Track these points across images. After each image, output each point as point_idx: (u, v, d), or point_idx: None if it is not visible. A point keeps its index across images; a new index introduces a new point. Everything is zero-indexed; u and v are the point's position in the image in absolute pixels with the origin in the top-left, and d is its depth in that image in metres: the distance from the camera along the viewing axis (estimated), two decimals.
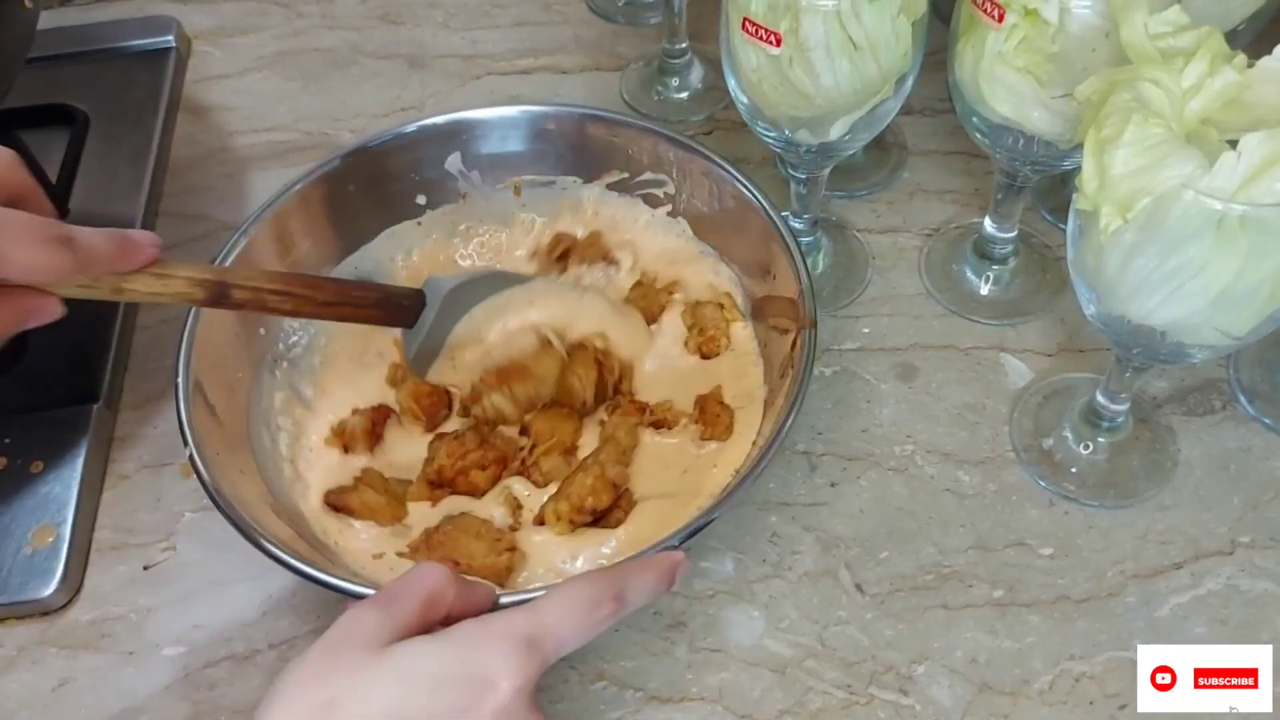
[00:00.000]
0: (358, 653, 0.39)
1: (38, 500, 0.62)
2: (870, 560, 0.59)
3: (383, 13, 0.96)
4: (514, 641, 0.40)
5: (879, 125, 0.61)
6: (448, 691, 0.38)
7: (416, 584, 0.42)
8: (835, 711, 0.54)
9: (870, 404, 0.66)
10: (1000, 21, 0.53)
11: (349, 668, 0.38)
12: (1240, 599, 0.57)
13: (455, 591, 0.43)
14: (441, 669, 0.39)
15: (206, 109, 0.89)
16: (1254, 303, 0.44)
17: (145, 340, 0.72)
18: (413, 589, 0.42)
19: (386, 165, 0.69)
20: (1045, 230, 0.74)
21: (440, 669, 0.39)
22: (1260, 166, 0.41)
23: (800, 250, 0.60)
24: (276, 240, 0.65)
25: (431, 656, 0.39)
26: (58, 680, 0.57)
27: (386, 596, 0.42)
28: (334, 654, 0.39)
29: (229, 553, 0.61)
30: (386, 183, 0.69)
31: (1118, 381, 0.59)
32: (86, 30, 0.93)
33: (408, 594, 0.42)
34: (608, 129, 0.69)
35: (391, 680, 0.38)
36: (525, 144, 0.70)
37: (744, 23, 0.55)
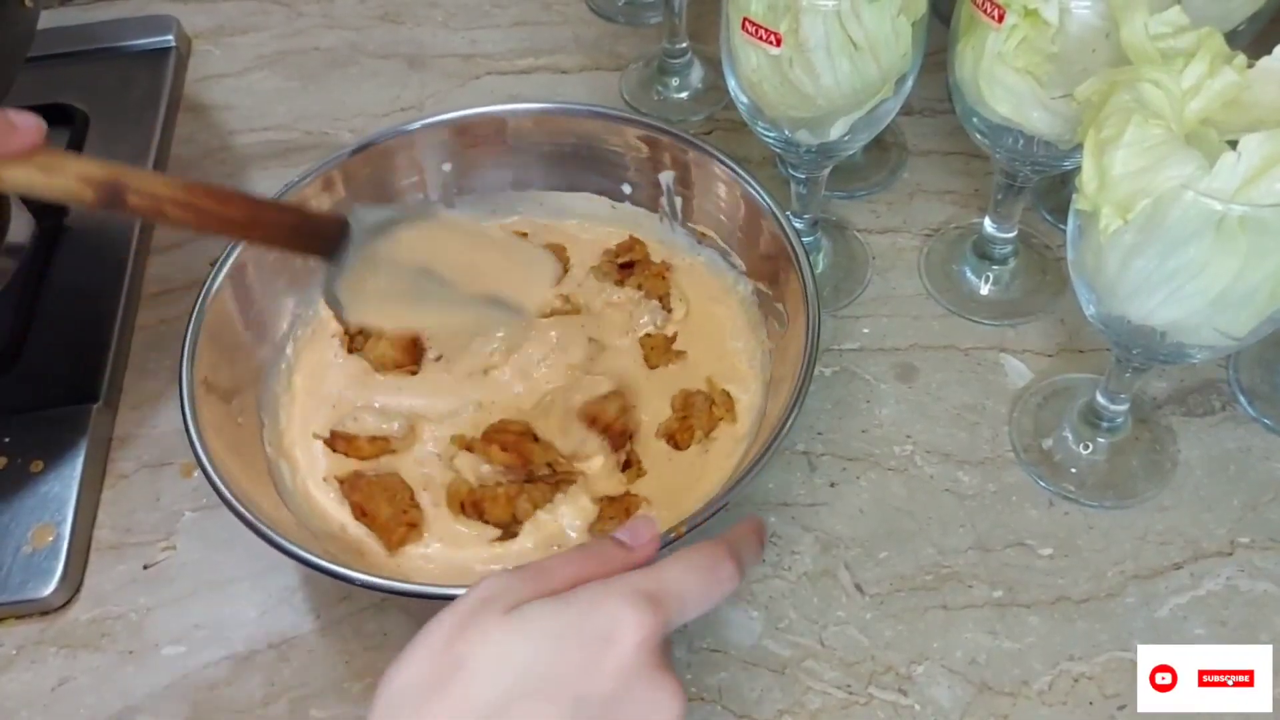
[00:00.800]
0: (487, 614, 0.39)
1: (37, 500, 0.62)
2: (870, 560, 0.59)
3: (382, 12, 0.96)
4: (634, 598, 0.39)
5: (879, 125, 0.61)
6: (570, 648, 0.38)
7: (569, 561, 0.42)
8: (834, 712, 0.54)
9: (870, 404, 0.66)
10: (1000, 22, 0.53)
11: (478, 627, 0.38)
12: (1240, 599, 0.57)
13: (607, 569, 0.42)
14: (563, 626, 0.39)
15: (206, 108, 0.89)
16: (1253, 303, 0.44)
17: (145, 340, 0.72)
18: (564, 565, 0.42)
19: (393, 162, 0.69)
20: (1045, 231, 0.74)
21: (562, 626, 0.39)
22: (1260, 167, 0.41)
23: (804, 250, 0.60)
24: None
25: (553, 615, 0.39)
26: (57, 679, 0.57)
27: (533, 567, 0.42)
28: (465, 615, 0.39)
29: (229, 552, 0.61)
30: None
31: (1117, 382, 0.59)
32: (86, 30, 0.93)
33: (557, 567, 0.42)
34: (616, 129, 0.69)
35: (516, 639, 0.38)
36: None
37: (744, 23, 0.55)
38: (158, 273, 0.76)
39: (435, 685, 0.37)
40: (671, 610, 0.40)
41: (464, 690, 0.37)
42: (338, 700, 0.56)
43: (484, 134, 0.70)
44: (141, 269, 0.76)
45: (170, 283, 0.75)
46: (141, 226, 0.77)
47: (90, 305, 0.72)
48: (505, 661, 0.37)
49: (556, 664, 0.38)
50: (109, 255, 0.75)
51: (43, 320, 0.71)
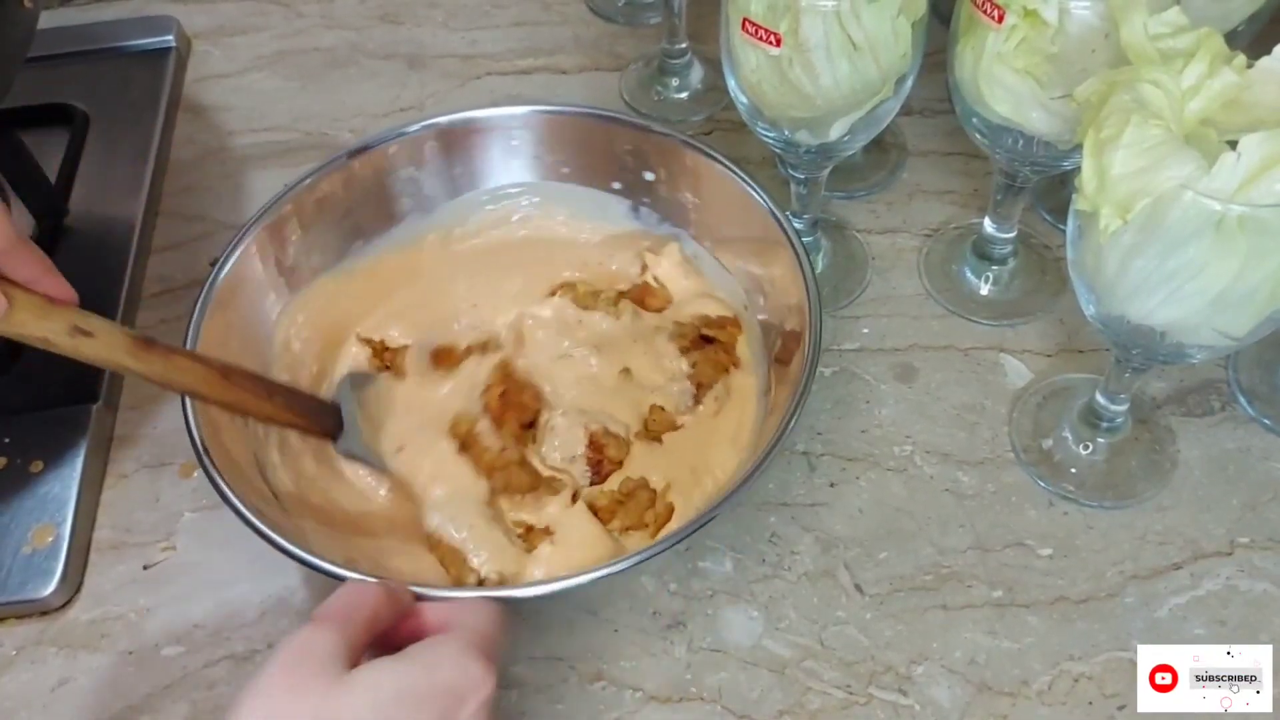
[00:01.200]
0: (322, 675, 0.39)
1: (37, 500, 0.62)
2: (869, 560, 0.59)
3: (382, 13, 0.96)
4: (474, 656, 0.41)
5: (878, 126, 0.61)
6: (419, 708, 0.39)
7: (359, 601, 0.43)
8: (834, 712, 0.54)
9: (869, 404, 0.66)
10: (1000, 22, 0.53)
11: (318, 690, 0.38)
12: (1239, 599, 0.57)
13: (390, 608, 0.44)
14: (412, 687, 0.39)
15: (206, 109, 0.89)
16: (1253, 303, 0.44)
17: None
18: (356, 606, 0.43)
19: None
20: (1044, 231, 0.74)
21: (410, 687, 0.39)
22: (1259, 167, 0.41)
23: (805, 251, 0.60)
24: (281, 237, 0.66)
25: (400, 676, 0.40)
26: (57, 680, 0.57)
27: (335, 618, 0.42)
28: (297, 676, 0.39)
29: (228, 552, 0.61)
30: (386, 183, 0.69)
31: (1117, 382, 0.59)
32: (86, 30, 0.93)
33: (354, 613, 0.42)
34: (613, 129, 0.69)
35: (364, 701, 0.38)
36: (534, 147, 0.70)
37: (744, 23, 0.55)
38: (158, 272, 0.76)
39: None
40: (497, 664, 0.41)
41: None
42: None
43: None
44: (141, 269, 0.76)
45: (170, 282, 0.76)
46: (141, 226, 0.77)
47: (90, 305, 0.71)
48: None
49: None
50: (109, 255, 0.75)
51: None
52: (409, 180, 0.70)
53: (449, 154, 0.70)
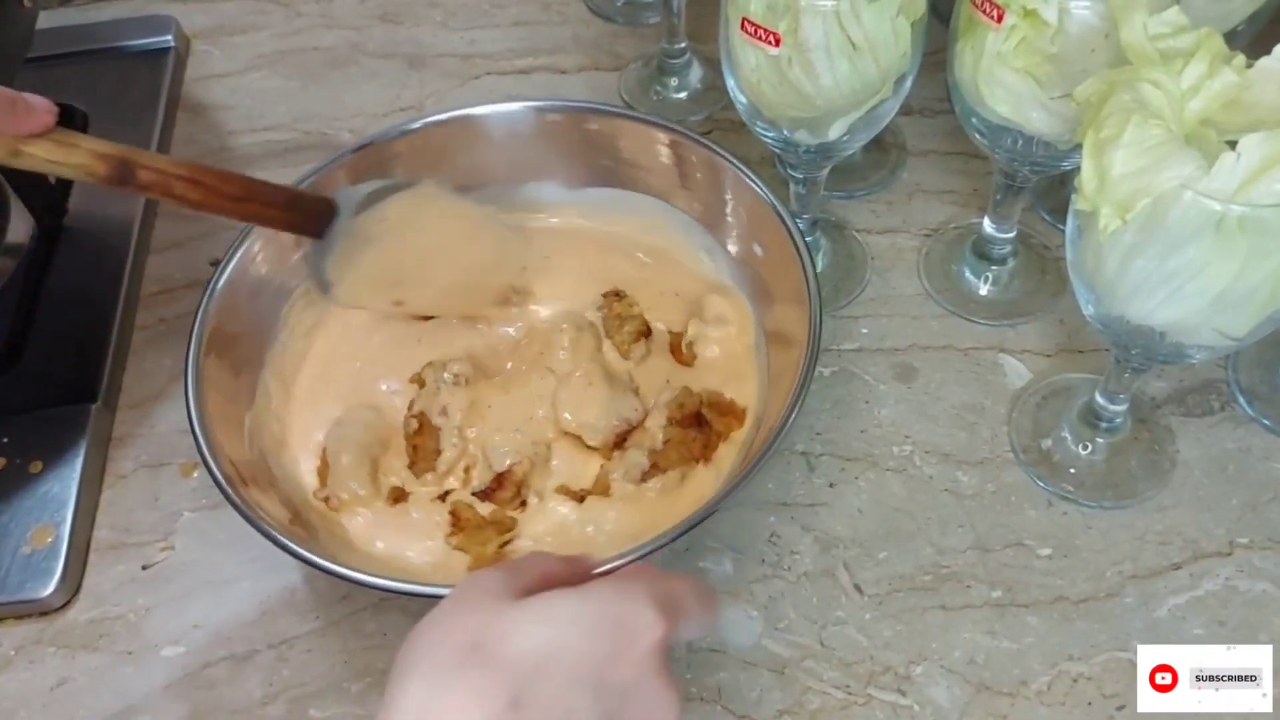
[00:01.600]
0: (494, 602, 0.38)
1: (36, 500, 0.62)
2: (869, 560, 0.59)
3: (382, 12, 0.96)
4: (652, 598, 0.40)
5: (878, 125, 0.61)
6: (593, 635, 0.38)
7: (535, 559, 0.43)
8: (834, 711, 0.54)
9: (869, 404, 0.66)
10: (999, 22, 0.53)
11: (493, 612, 0.38)
12: (1239, 600, 0.57)
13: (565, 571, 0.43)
14: (586, 614, 0.39)
15: (205, 108, 0.89)
16: (1253, 304, 0.44)
17: (144, 339, 0.72)
18: (533, 562, 0.42)
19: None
20: (1044, 231, 0.74)
21: (585, 614, 0.39)
22: (1259, 167, 0.41)
23: (808, 249, 0.60)
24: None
25: (576, 603, 0.39)
26: (56, 680, 0.57)
27: (507, 566, 0.42)
28: (469, 604, 0.39)
29: (228, 552, 0.61)
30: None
31: (1116, 382, 0.59)
32: (85, 30, 0.93)
33: (528, 564, 0.42)
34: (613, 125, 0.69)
35: (538, 621, 0.38)
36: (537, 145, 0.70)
37: (743, 23, 0.55)
38: (157, 272, 0.76)
39: (456, 664, 0.36)
40: (679, 621, 0.40)
41: (490, 666, 0.36)
42: (337, 700, 0.56)
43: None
44: (141, 268, 0.76)
45: (170, 282, 0.75)
46: (141, 226, 0.77)
47: (89, 305, 0.72)
48: (529, 640, 0.37)
49: (583, 648, 0.38)
50: (108, 255, 0.75)
51: (42, 320, 0.71)
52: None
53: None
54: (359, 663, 0.57)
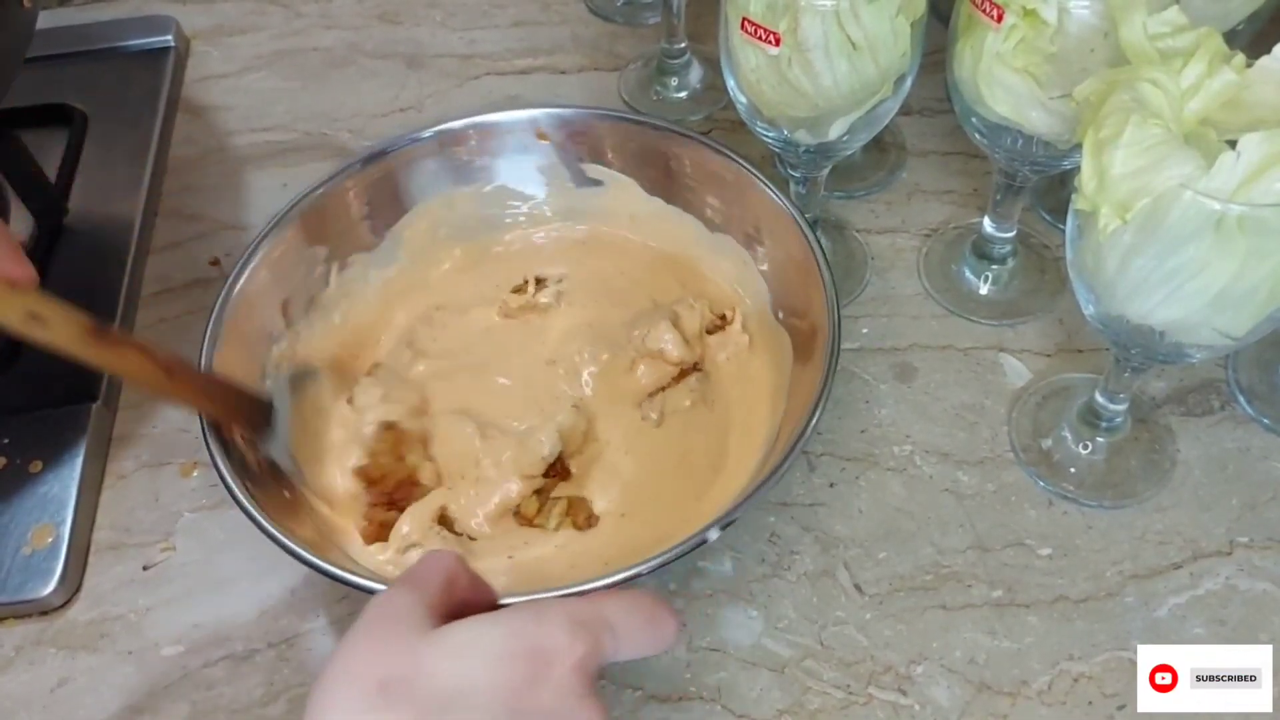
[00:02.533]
0: (405, 633, 0.38)
1: (37, 500, 0.62)
2: (869, 560, 0.59)
3: (381, 12, 0.96)
4: (571, 621, 0.39)
5: (878, 125, 0.61)
6: (507, 666, 0.38)
7: (436, 566, 0.42)
8: (834, 711, 0.54)
9: (869, 404, 0.66)
10: (999, 22, 0.53)
11: (400, 648, 0.38)
12: (1239, 599, 0.57)
13: (468, 577, 0.43)
14: (499, 644, 0.38)
15: (205, 108, 0.89)
16: (1252, 303, 0.44)
17: (144, 339, 0.72)
18: (434, 570, 0.42)
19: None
20: (1044, 230, 0.74)
21: (498, 644, 0.38)
22: (1259, 167, 0.41)
23: (823, 251, 0.60)
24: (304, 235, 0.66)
25: (486, 633, 0.39)
26: (56, 680, 0.57)
27: (411, 579, 0.42)
28: (379, 636, 0.38)
29: (228, 552, 0.61)
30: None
31: (1116, 382, 0.59)
32: (85, 30, 0.93)
33: (431, 574, 0.41)
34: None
35: (447, 657, 0.38)
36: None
37: (743, 22, 0.55)
38: (157, 272, 0.76)
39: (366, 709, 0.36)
40: (605, 644, 0.40)
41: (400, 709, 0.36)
42: None
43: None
44: (141, 268, 0.76)
45: (169, 282, 0.75)
46: (141, 226, 0.77)
47: (89, 304, 0.70)
48: (440, 677, 0.37)
49: (496, 680, 0.37)
50: (108, 254, 0.75)
51: None
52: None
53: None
54: None
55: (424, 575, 0.41)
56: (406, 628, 0.38)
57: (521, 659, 0.38)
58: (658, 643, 0.42)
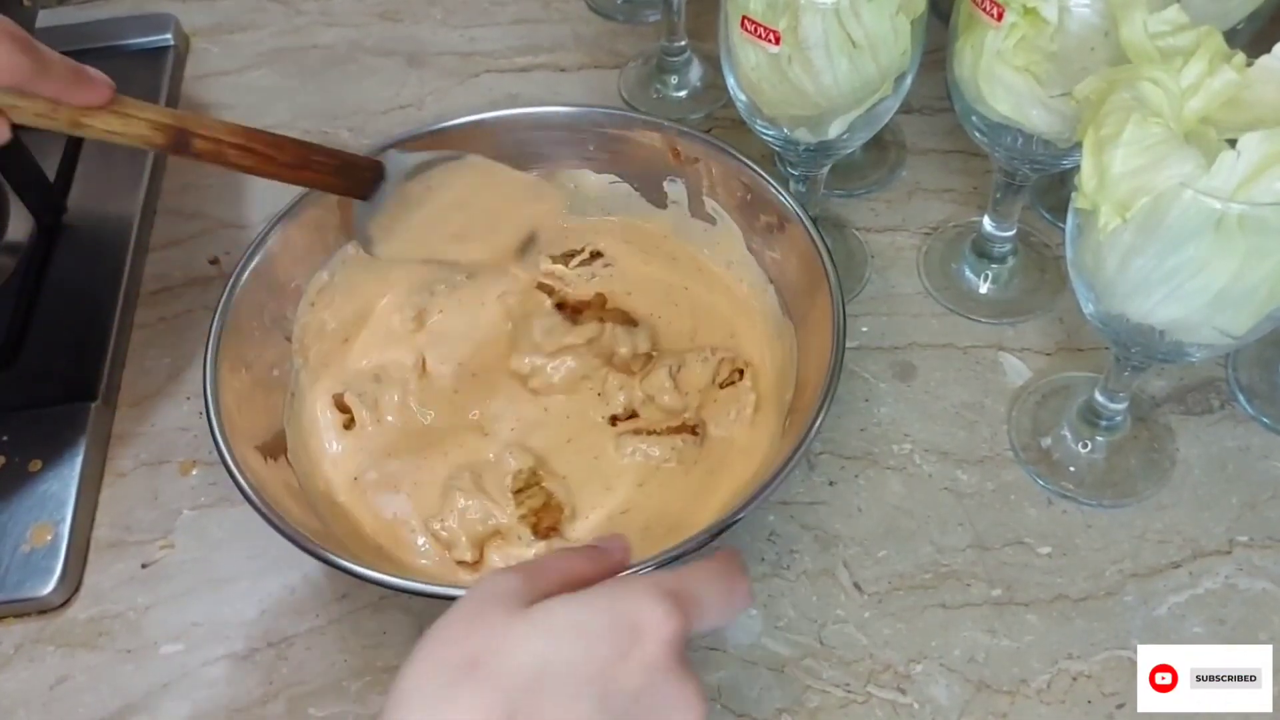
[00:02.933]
0: (499, 611, 0.38)
1: (36, 498, 0.62)
2: (868, 559, 0.59)
3: (381, 10, 0.96)
4: (659, 595, 0.38)
5: (878, 124, 0.61)
6: (594, 642, 0.37)
7: (557, 561, 0.42)
8: (833, 710, 0.54)
9: (869, 403, 0.66)
10: (999, 20, 0.53)
11: (490, 625, 0.37)
12: (1239, 598, 0.57)
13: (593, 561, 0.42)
14: (586, 620, 0.37)
15: (205, 106, 0.89)
16: (1252, 302, 0.44)
17: (143, 338, 0.72)
18: (552, 563, 0.41)
19: None
20: (1044, 229, 0.74)
21: (585, 620, 0.37)
22: (1259, 166, 0.41)
23: (830, 253, 0.60)
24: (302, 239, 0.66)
25: (575, 609, 0.38)
26: (55, 678, 0.57)
27: (526, 567, 0.41)
28: (473, 615, 0.38)
29: (228, 550, 0.61)
30: None
31: (1116, 380, 0.59)
32: (85, 28, 0.93)
33: (548, 565, 0.41)
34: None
35: (535, 634, 0.37)
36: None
37: (743, 21, 0.55)
38: (156, 270, 0.76)
39: (452, 683, 0.36)
40: (692, 615, 0.39)
41: (486, 684, 0.35)
42: (336, 699, 0.56)
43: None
44: (140, 267, 0.76)
45: (169, 280, 0.75)
46: (140, 224, 0.77)
47: (89, 303, 0.72)
48: (527, 654, 0.36)
49: (583, 656, 0.36)
50: (107, 253, 0.75)
51: (41, 318, 0.71)
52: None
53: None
54: (358, 661, 0.57)
55: (540, 565, 0.41)
56: (501, 607, 0.38)
57: (610, 634, 0.37)
58: (736, 610, 0.42)
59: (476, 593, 0.39)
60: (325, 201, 0.65)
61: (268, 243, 0.64)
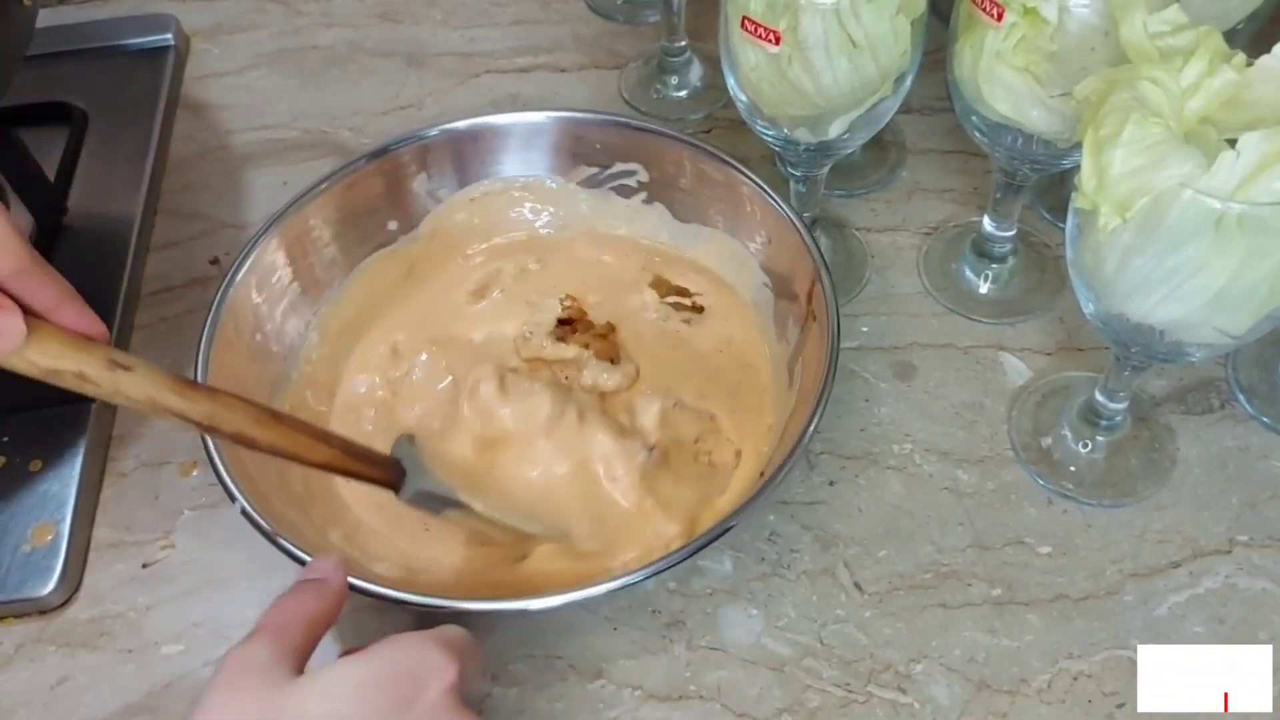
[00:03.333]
0: (263, 682, 0.37)
1: (36, 498, 0.62)
2: (869, 559, 0.59)
3: (381, 10, 0.96)
4: (434, 642, 0.40)
5: (878, 124, 0.61)
6: (376, 696, 0.38)
7: (294, 609, 0.41)
8: (833, 710, 0.54)
9: (869, 402, 0.66)
10: (999, 20, 0.53)
11: (261, 695, 0.37)
12: (1238, 598, 0.57)
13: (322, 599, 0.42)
14: (368, 677, 0.38)
15: (205, 107, 0.89)
16: (1252, 302, 0.44)
17: (144, 338, 0.72)
18: (290, 614, 0.41)
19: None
20: (1044, 229, 0.74)
21: (367, 677, 0.38)
22: (1259, 166, 0.41)
23: (823, 258, 0.60)
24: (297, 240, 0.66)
25: (355, 669, 0.38)
26: (56, 678, 0.57)
27: (266, 628, 0.40)
28: (235, 688, 0.37)
29: (228, 551, 0.61)
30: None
31: (1116, 380, 0.59)
32: (85, 28, 0.93)
33: (287, 619, 0.41)
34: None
35: (316, 696, 0.37)
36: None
37: (743, 21, 0.55)
38: (156, 271, 0.76)
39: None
40: (467, 660, 0.41)
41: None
42: None
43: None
44: (140, 267, 0.76)
45: (169, 281, 0.75)
46: (140, 225, 0.77)
47: (89, 303, 0.72)
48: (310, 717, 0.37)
49: (363, 710, 0.37)
50: (108, 253, 0.75)
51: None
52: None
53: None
54: None
55: (280, 622, 0.41)
56: (262, 680, 0.37)
57: (390, 688, 0.38)
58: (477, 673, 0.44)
59: (230, 668, 0.38)
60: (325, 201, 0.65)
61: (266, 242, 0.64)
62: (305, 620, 0.41)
